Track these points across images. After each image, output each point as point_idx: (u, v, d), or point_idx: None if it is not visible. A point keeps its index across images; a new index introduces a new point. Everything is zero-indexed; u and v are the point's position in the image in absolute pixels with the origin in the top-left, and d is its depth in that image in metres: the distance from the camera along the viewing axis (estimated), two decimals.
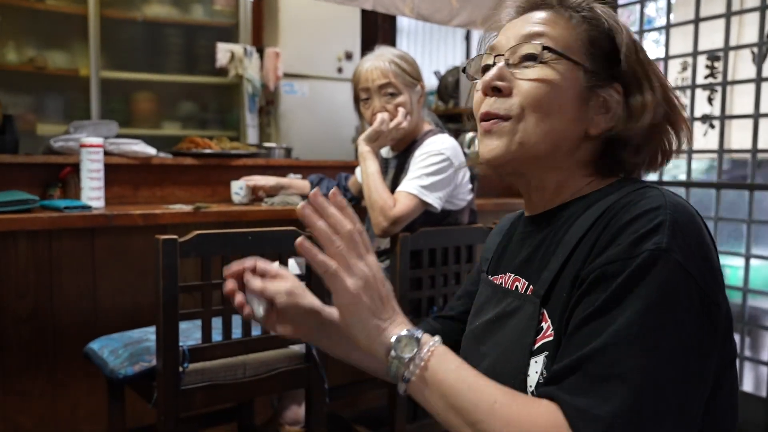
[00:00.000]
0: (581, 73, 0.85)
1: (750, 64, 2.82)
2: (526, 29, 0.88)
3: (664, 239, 0.71)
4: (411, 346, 0.75)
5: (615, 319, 0.69)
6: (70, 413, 2.09)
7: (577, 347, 0.71)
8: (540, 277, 0.83)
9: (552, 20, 0.88)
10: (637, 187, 0.81)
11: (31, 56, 3.82)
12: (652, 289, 0.69)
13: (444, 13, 2.77)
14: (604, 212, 0.79)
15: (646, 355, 0.67)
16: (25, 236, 1.99)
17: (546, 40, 0.85)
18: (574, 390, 0.69)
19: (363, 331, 0.77)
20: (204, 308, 1.61)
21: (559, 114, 0.84)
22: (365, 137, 2.06)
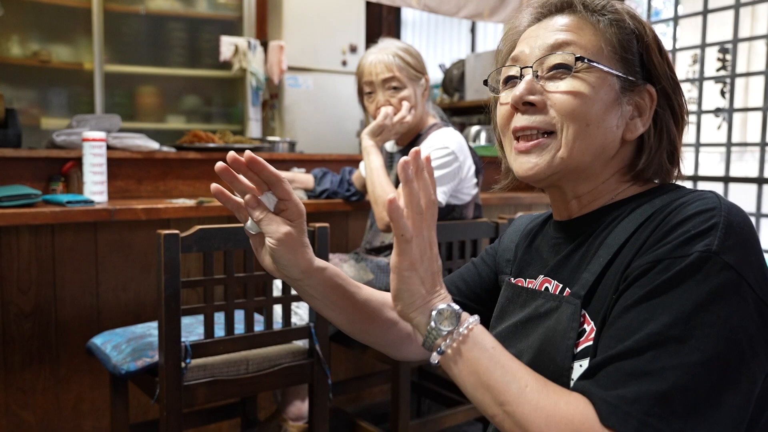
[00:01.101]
0: (614, 79, 0.83)
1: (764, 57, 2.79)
2: (553, 38, 0.85)
3: (715, 241, 0.70)
4: (451, 320, 0.76)
5: (657, 316, 0.69)
6: (73, 408, 2.09)
7: (616, 341, 0.71)
8: (579, 279, 0.82)
9: (577, 26, 0.85)
10: (686, 191, 0.80)
11: (35, 50, 3.82)
12: (700, 289, 0.68)
13: (451, 5, 2.74)
14: (653, 215, 0.78)
15: (687, 356, 0.66)
16: (27, 231, 1.98)
17: (575, 49, 0.83)
18: (608, 384, 0.68)
19: (409, 298, 0.77)
20: (206, 303, 1.60)
21: (597, 123, 0.82)
22: (369, 131, 2.04)
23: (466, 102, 4.38)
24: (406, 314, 0.78)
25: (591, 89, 0.82)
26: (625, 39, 0.84)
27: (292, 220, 0.89)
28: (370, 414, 2.40)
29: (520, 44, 0.89)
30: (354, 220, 2.54)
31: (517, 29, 0.93)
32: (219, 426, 2.26)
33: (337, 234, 2.46)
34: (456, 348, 0.75)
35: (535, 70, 0.85)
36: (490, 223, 2.09)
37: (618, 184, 0.87)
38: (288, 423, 2.05)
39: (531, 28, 0.90)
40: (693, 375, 0.65)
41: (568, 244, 0.88)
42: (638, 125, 0.85)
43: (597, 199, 0.87)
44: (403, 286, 0.77)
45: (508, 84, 0.89)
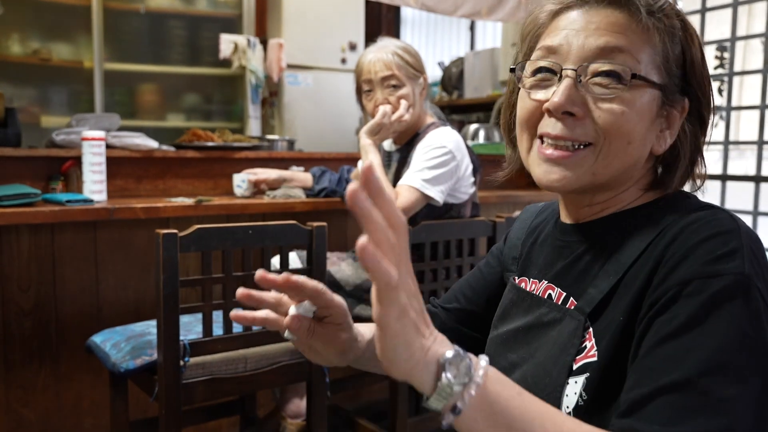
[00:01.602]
0: (658, 92, 0.77)
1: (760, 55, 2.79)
2: (602, 39, 0.76)
3: (745, 264, 0.67)
4: (464, 369, 0.59)
5: (700, 344, 0.63)
6: (74, 406, 2.10)
7: (658, 373, 0.64)
8: (585, 293, 0.77)
9: (630, 28, 0.76)
10: (699, 206, 0.76)
11: (35, 48, 3.82)
12: (741, 315, 0.64)
13: (448, 4, 2.75)
14: (663, 230, 0.73)
15: (741, 385, 0.62)
16: (27, 230, 2.00)
17: (628, 59, 0.75)
18: (661, 421, 0.62)
19: (406, 352, 0.58)
20: (204, 302, 1.61)
21: (638, 141, 0.77)
22: (367, 130, 2.05)
23: (464, 100, 4.38)
24: (407, 373, 0.59)
25: (638, 106, 0.76)
26: (675, 49, 0.78)
27: (339, 323, 0.80)
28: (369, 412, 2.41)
29: (556, 33, 0.80)
30: (352, 218, 2.54)
31: (551, 9, 0.82)
32: (218, 423, 2.27)
33: (335, 232, 2.47)
34: (476, 404, 0.59)
35: (579, 74, 0.77)
36: (487, 222, 2.10)
37: (634, 192, 0.82)
38: (287, 420, 2.07)
39: (571, 15, 0.79)
40: (752, 403, 0.61)
41: (573, 249, 0.84)
42: (667, 138, 0.80)
43: (610, 207, 0.83)
44: (398, 341, 0.57)
45: (538, 75, 0.81)
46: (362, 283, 2.03)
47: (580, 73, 0.76)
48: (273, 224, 1.70)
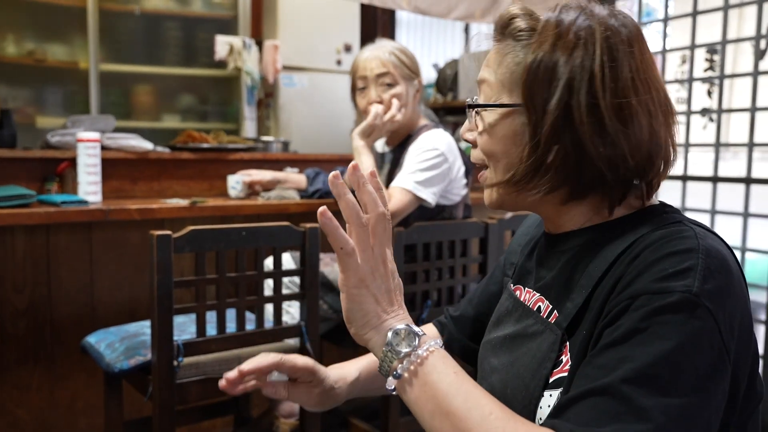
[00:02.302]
0: (518, 111, 0.81)
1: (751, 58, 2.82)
2: (479, 75, 0.87)
3: (695, 283, 0.68)
4: (409, 341, 0.72)
5: (633, 354, 0.66)
6: (68, 406, 2.11)
7: (590, 379, 0.68)
8: (564, 307, 0.80)
9: (495, 58, 0.84)
10: (668, 221, 0.77)
11: (31, 49, 3.83)
12: (680, 331, 0.66)
13: (442, 7, 2.77)
14: (631, 245, 0.75)
15: (666, 398, 0.64)
16: (22, 231, 2.01)
17: (486, 88, 0.85)
18: (582, 421, 0.65)
19: (362, 318, 0.74)
20: (198, 303, 1.62)
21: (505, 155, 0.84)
22: (359, 131, 2.07)
23: (459, 101, 4.39)
24: (360, 335, 0.74)
25: (495, 127, 0.83)
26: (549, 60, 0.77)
27: (309, 381, 0.95)
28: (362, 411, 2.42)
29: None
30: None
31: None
32: (212, 423, 2.28)
33: None
34: (413, 371, 0.71)
35: (471, 109, 0.87)
36: (479, 223, 2.11)
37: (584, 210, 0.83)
38: (280, 420, 2.08)
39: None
40: (672, 417, 0.63)
41: (556, 260, 0.86)
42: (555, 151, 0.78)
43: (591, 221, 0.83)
44: (354, 305, 0.73)
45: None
46: None
47: (470, 107, 0.87)
48: (266, 225, 1.71)
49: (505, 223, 2.17)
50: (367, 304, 0.74)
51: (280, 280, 1.76)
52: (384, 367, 0.73)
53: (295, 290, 1.90)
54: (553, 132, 0.77)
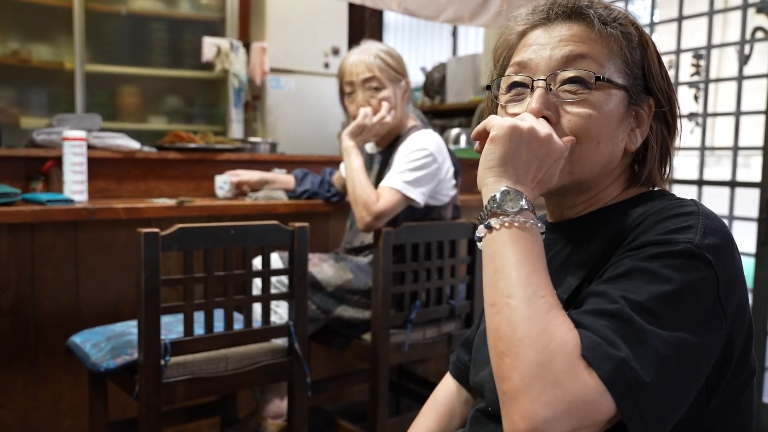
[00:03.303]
0: (623, 93, 0.84)
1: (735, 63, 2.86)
2: (566, 49, 0.84)
3: (696, 237, 0.72)
4: (514, 205, 0.74)
5: (635, 288, 0.70)
6: (52, 407, 2.08)
7: (591, 304, 0.72)
8: (564, 282, 0.83)
9: (589, 37, 0.84)
10: (670, 199, 0.83)
11: (15, 49, 3.79)
12: (680, 276, 0.70)
13: (431, 9, 2.77)
14: (633, 220, 0.80)
15: (660, 329, 0.67)
16: (6, 229, 1.98)
17: (591, 63, 0.83)
18: (594, 329, 0.68)
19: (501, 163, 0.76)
20: (186, 302, 1.61)
21: (607, 140, 0.83)
22: (348, 132, 2.06)
23: (447, 105, 4.41)
24: (485, 174, 0.77)
25: (605, 107, 0.82)
26: (633, 52, 0.85)
27: None
28: (349, 412, 2.42)
29: (525, 49, 0.88)
30: (334, 220, 2.56)
31: (518, 30, 0.90)
32: (198, 424, 2.26)
33: (317, 234, 2.48)
34: (504, 230, 0.73)
35: (549, 82, 0.83)
36: (468, 224, 2.12)
37: (615, 189, 0.89)
38: (267, 421, 2.07)
39: (536, 33, 0.88)
40: (667, 346, 0.67)
41: (557, 244, 0.90)
42: (638, 136, 0.87)
43: (592, 205, 0.88)
44: (509, 148, 0.76)
45: (513, 91, 0.88)
46: (343, 284, 2.05)
47: (549, 82, 0.84)
48: (255, 224, 1.70)
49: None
50: (516, 157, 0.77)
51: (268, 280, 1.75)
52: (483, 214, 0.77)
53: (283, 290, 1.89)
54: (653, 117, 0.86)
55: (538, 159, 0.78)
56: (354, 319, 2.06)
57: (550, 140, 0.78)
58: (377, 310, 1.94)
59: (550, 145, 0.78)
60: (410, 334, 2.03)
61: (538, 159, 0.78)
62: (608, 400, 0.64)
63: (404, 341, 2.03)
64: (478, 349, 0.96)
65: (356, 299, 2.06)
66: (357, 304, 2.06)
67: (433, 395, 1.13)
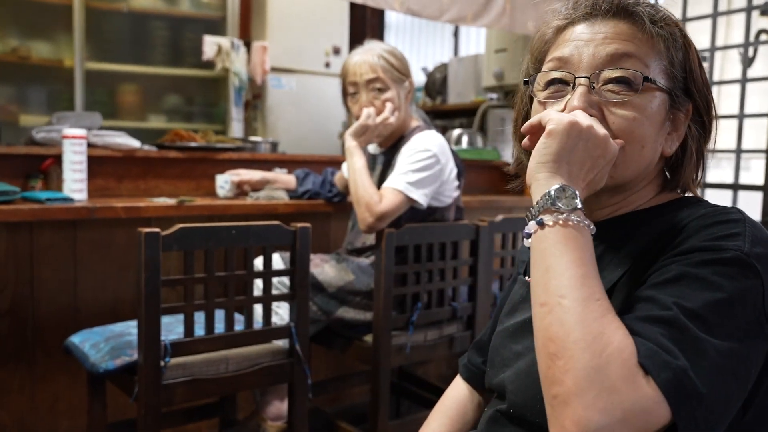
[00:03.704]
0: (666, 96, 0.82)
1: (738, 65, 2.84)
2: (611, 47, 0.80)
3: (745, 245, 0.71)
4: (569, 203, 0.72)
5: (686, 295, 0.68)
6: (50, 408, 2.07)
7: (640, 311, 0.70)
8: None
9: (636, 36, 0.81)
10: (710, 205, 0.81)
11: (15, 46, 3.77)
12: (731, 284, 0.68)
13: (434, 8, 2.76)
14: (673, 225, 0.78)
15: (713, 338, 0.66)
16: (5, 228, 1.96)
17: (636, 64, 0.80)
18: (648, 336, 0.66)
19: (555, 159, 0.74)
20: (186, 302, 1.59)
21: (650, 144, 0.81)
22: (352, 132, 2.05)
23: (448, 105, 4.40)
24: (536, 169, 0.75)
25: (648, 109, 0.80)
26: (677, 55, 0.82)
27: None
28: (350, 414, 2.40)
29: (565, 44, 0.84)
30: (336, 220, 2.54)
31: (557, 24, 0.87)
32: (197, 426, 2.25)
33: (318, 234, 2.46)
34: (558, 227, 0.72)
35: (591, 81, 0.80)
36: (471, 225, 2.10)
37: (647, 193, 0.87)
38: (267, 423, 2.05)
39: (578, 28, 0.84)
40: (721, 356, 0.65)
41: None
42: (674, 140, 0.85)
43: (622, 208, 0.86)
44: (567, 143, 0.74)
45: (551, 88, 0.85)
46: (345, 285, 2.03)
47: (593, 80, 0.80)
48: (256, 224, 1.69)
49: (495, 226, 2.16)
50: (572, 154, 0.74)
51: (269, 280, 1.73)
52: (534, 210, 0.74)
53: (284, 291, 1.87)
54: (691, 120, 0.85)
55: (593, 159, 0.76)
56: (355, 320, 2.05)
57: (607, 141, 0.76)
58: (379, 311, 1.93)
59: (606, 145, 0.76)
60: (412, 336, 2.02)
61: (593, 159, 0.76)
62: (665, 410, 0.62)
63: (406, 343, 2.01)
64: (496, 350, 0.94)
65: (358, 300, 2.04)
66: (358, 306, 2.05)
67: (443, 398, 1.11)
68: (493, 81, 3.75)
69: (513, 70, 3.64)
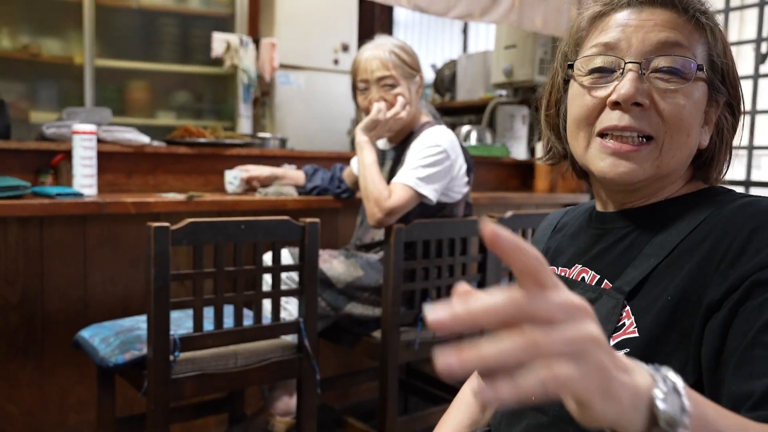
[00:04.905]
0: (707, 88, 0.81)
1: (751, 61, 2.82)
2: (662, 35, 0.79)
3: None
4: (672, 397, 0.49)
5: None
6: (59, 402, 2.08)
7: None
8: (623, 274, 0.79)
9: (683, 25, 0.80)
10: (743, 195, 0.79)
11: (25, 43, 3.79)
12: None
13: (441, 5, 2.74)
14: (708, 217, 0.76)
15: None
16: (15, 222, 1.97)
17: (687, 53, 0.79)
18: None
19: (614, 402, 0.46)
20: (195, 297, 1.60)
21: (695, 134, 0.81)
22: (362, 127, 2.04)
23: (457, 102, 4.39)
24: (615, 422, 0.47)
25: (695, 99, 0.79)
26: (718, 46, 0.82)
27: None
28: (358, 411, 2.40)
29: (611, 29, 0.82)
30: (344, 216, 2.54)
31: (597, 10, 0.85)
32: (206, 421, 2.25)
33: (327, 230, 2.46)
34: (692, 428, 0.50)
35: (643, 67, 0.79)
36: (480, 222, 2.09)
37: (677, 184, 0.85)
38: (275, 418, 2.05)
39: (624, 14, 0.82)
40: None
41: (611, 235, 0.86)
42: (707, 132, 0.84)
43: (652, 197, 0.85)
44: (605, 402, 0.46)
45: (596, 73, 0.82)
46: (354, 280, 2.03)
47: (643, 67, 0.79)
48: (266, 219, 1.69)
49: (505, 222, 2.15)
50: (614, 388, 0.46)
51: (278, 276, 1.73)
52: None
53: (293, 286, 1.87)
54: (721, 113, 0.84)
55: None
56: (364, 316, 2.04)
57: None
58: (387, 307, 1.92)
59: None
60: (420, 332, 2.01)
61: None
62: None
63: (414, 339, 2.00)
64: None
65: (366, 296, 2.04)
66: (367, 302, 2.04)
67: (464, 389, 1.11)
68: (502, 77, 3.73)
69: (522, 67, 3.62)
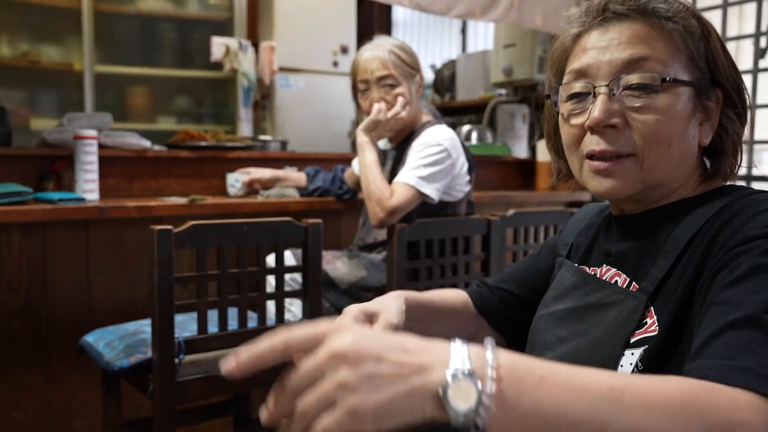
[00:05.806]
0: (691, 90, 0.81)
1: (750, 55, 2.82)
2: (627, 52, 0.80)
3: None
4: (468, 388, 0.49)
5: (764, 286, 0.64)
6: (65, 407, 2.07)
7: (722, 315, 0.64)
8: (648, 274, 0.80)
9: (650, 36, 0.80)
10: (754, 191, 0.80)
11: (25, 50, 3.80)
12: None
13: (442, 4, 2.75)
14: (720, 210, 0.77)
15: None
16: (18, 228, 1.97)
17: (654, 65, 0.79)
18: (726, 355, 0.60)
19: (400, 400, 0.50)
20: (199, 300, 1.59)
21: (679, 141, 0.81)
22: (363, 127, 2.04)
23: (457, 102, 4.39)
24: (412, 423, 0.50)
25: (673, 108, 0.79)
26: (696, 45, 0.81)
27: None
28: None
29: (583, 55, 0.84)
30: (346, 217, 2.54)
31: (573, 33, 0.87)
32: (212, 424, 2.25)
33: (329, 231, 2.46)
34: (498, 413, 0.49)
35: (611, 88, 0.80)
36: (482, 220, 2.09)
37: (691, 184, 0.86)
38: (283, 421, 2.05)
39: (592, 35, 0.84)
40: None
41: (631, 237, 0.87)
42: (708, 129, 0.84)
43: (664, 199, 0.86)
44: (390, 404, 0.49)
45: (573, 99, 0.85)
46: (357, 281, 2.03)
47: (612, 87, 0.80)
48: (268, 221, 1.69)
49: (507, 220, 2.15)
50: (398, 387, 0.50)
51: (282, 277, 1.73)
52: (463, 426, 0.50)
53: (296, 288, 1.87)
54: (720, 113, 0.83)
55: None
56: None
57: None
58: None
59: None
60: None
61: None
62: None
63: None
64: (537, 333, 0.93)
65: (370, 296, 2.02)
66: None
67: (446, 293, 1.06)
68: (501, 77, 3.73)
69: (522, 66, 3.62)
